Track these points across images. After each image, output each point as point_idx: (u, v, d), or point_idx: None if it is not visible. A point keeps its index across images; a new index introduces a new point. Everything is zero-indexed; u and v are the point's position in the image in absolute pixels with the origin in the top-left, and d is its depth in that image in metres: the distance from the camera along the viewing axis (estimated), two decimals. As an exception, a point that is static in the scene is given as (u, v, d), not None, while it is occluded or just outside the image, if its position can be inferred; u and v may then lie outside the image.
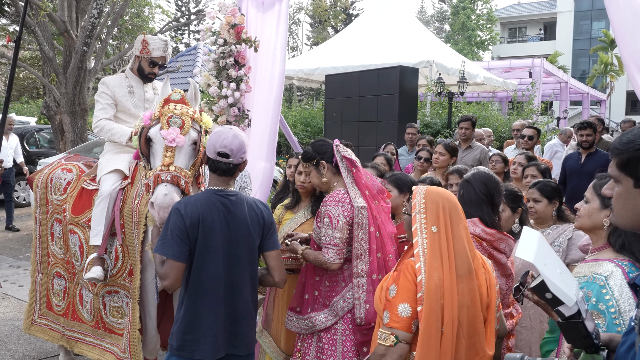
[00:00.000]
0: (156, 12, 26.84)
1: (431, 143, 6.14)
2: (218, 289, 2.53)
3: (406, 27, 15.55)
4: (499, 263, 2.67)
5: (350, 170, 2.91)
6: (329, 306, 2.87)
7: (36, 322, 4.15)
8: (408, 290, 2.06)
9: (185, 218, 2.49)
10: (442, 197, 2.17)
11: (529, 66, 19.66)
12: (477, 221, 2.66)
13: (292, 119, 14.26)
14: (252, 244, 2.62)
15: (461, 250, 2.10)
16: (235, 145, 2.56)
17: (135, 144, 3.05)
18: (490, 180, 2.72)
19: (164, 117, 2.94)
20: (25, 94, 26.13)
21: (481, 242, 2.63)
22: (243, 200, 2.63)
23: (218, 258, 2.53)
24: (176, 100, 3.02)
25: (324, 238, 2.80)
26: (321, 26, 39.03)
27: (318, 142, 3.04)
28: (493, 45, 42.48)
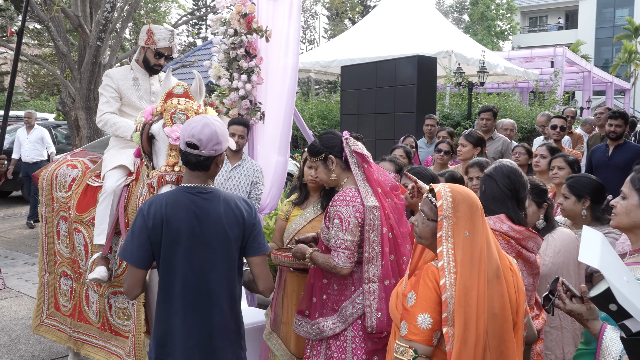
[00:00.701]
0: (173, 6, 26.87)
1: (451, 135, 5.91)
2: (188, 298, 2.26)
3: (424, 18, 15.26)
4: (528, 262, 2.47)
5: (361, 165, 2.69)
6: (338, 311, 2.68)
7: (44, 322, 4.05)
8: (428, 299, 1.85)
9: (147, 219, 2.24)
10: (468, 196, 1.94)
11: (551, 55, 19.19)
12: (504, 217, 2.45)
13: (308, 112, 14.08)
14: (228, 248, 2.30)
15: (489, 253, 1.90)
16: (204, 135, 2.24)
17: (136, 140, 2.89)
18: (515, 173, 2.51)
19: (167, 113, 2.76)
20: (45, 90, 26.35)
21: (508, 240, 2.43)
22: (219, 198, 2.32)
23: (187, 262, 2.25)
24: (180, 94, 2.83)
25: (333, 241, 2.60)
26: (338, 18, 38.71)
27: (326, 135, 2.82)
28: (513, 35, 41.72)
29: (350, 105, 9.11)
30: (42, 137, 9.81)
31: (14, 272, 6.84)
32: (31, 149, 9.60)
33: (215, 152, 2.29)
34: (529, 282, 2.48)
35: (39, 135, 9.77)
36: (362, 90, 8.84)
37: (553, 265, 2.82)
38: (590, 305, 1.83)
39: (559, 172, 3.98)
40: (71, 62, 9.89)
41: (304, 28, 42.70)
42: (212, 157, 2.30)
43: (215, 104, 5.50)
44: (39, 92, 27.02)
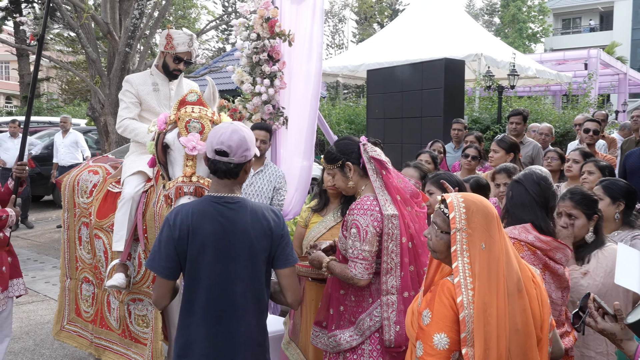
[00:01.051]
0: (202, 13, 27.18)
1: (479, 139, 5.75)
2: (212, 309, 2.19)
3: (453, 21, 15.05)
4: (556, 274, 2.35)
5: (380, 172, 2.59)
6: (355, 324, 2.58)
7: (65, 328, 4.06)
8: (444, 318, 1.74)
9: (174, 229, 2.18)
10: (483, 205, 1.83)
11: (585, 57, 18.74)
12: (530, 227, 2.34)
13: (335, 116, 14.00)
14: (255, 259, 2.24)
15: (508, 266, 1.78)
16: (234, 142, 2.19)
17: (150, 150, 2.83)
18: (545, 180, 2.42)
19: (182, 122, 2.70)
20: (78, 96, 26.93)
21: (535, 250, 2.31)
22: (246, 208, 2.25)
23: (212, 275, 2.19)
24: (193, 101, 2.77)
25: (350, 251, 2.50)
26: (367, 23, 38.62)
27: (343, 141, 2.72)
28: (546, 37, 40.92)
29: (377, 109, 9.00)
30: (76, 141, 10.02)
31: (42, 275, 6.93)
32: (66, 153, 9.81)
33: (245, 158, 2.25)
34: (557, 295, 2.36)
35: (73, 139, 9.98)
36: (389, 94, 8.72)
37: (604, 287, 2.61)
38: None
39: (589, 176, 3.81)
40: (101, 69, 10.05)
41: (333, 32, 42.73)
42: (241, 163, 2.25)
43: (238, 108, 5.48)
44: (72, 98, 27.64)
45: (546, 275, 2.30)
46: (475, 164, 4.95)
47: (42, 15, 20.95)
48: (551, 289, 2.32)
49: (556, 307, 2.34)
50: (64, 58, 24.44)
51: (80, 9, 9.49)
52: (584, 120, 6.37)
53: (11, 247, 3.77)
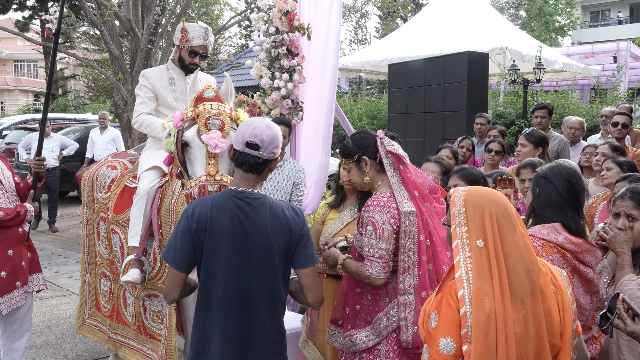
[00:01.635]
0: (225, 9, 27.28)
1: (503, 134, 5.61)
2: (229, 307, 2.16)
3: (478, 14, 14.80)
4: (585, 279, 2.21)
5: (397, 167, 2.51)
6: (371, 323, 2.50)
7: (86, 322, 4.09)
8: (451, 322, 1.66)
9: (192, 220, 2.15)
10: (487, 200, 1.73)
11: (614, 50, 18.24)
12: (560, 227, 2.19)
13: (357, 112, 13.88)
14: (272, 258, 2.20)
15: (518, 267, 1.67)
16: (267, 136, 2.18)
17: (167, 148, 2.76)
18: (575, 176, 2.26)
19: (202, 119, 2.64)
20: (103, 93, 27.29)
21: (564, 253, 2.17)
22: (266, 206, 2.21)
23: (228, 271, 2.15)
24: (211, 98, 2.72)
25: (367, 249, 2.42)
26: (390, 18, 38.32)
27: (359, 135, 2.64)
28: (573, 31, 40.07)
29: (398, 104, 8.89)
30: (114, 138, 10.09)
31: (66, 270, 7.01)
32: (104, 149, 9.81)
33: (273, 155, 2.23)
34: (585, 300, 2.21)
35: (112, 136, 10.07)
36: (410, 88, 8.61)
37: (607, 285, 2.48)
38: None
39: (607, 172, 3.68)
40: (123, 65, 10.11)
41: (355, 28, 42.51)
42: (268, 160, 2.22)
43: (257, 103, 5.44)
44: (98, 96, 28.02)
45: (575, 279, 2.17)
46: (498, 158, 4.83)
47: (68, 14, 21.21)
48: (579, 293, 2.18)
49: (584, 312, 2.21)
50: (90, 56, 24.79)
51: (103, 6, 9.56)
52: (612, 114, 6.16)
53: (31, 242, 3.79)
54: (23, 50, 39.67)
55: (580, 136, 6.10)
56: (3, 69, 42.31)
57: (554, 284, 1.78)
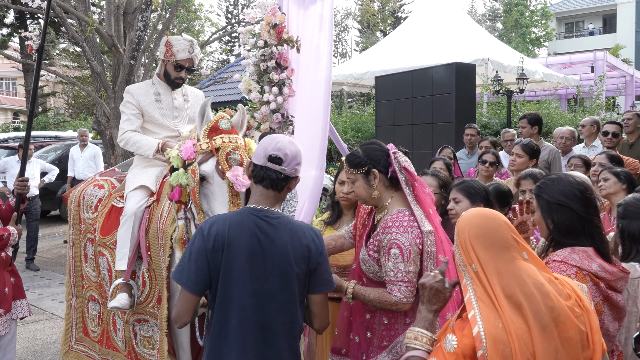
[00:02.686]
0: (206, 25, 27.24)
1: (494, 144, 5.58)
2: (246, 333, 2.03)
3: (458, 26, 14.96)
4: (616, 306, 2.06)
5: (412, 184, 2.37)
6: (389, 348, 2.35)
7: (73, 348, 3.91)
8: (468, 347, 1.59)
9: (208, 239, 2.01)
10: (469, 224, 1.70)
11: (591, 60, 18.54)
12: (593, 252, 2.00)
13: (342, 124, 13.88)
14: (290, 280, 2.07)
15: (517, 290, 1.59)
16: (291, 151, 2.09)
17: (177, 181, 2.63)
18: (588, 191, 2.08)
19: (222, 154, 2.54)
20: (84, 110, 26.97)
21: (598, 282, 1.99)
22: (287, 225, 2.09)
23: (245, 294, 2.02)
24: (228, 130, 2.61)
25: (392, 274, 2.26)
26: (370, 31, 38.59)
27: (370, 146, 2.46)
28: (549, 42, 40.79)
29: (386, 116, 8.86)
30: (95, 155, 9.90)
31: (49, 292, 6.78)
32: (85, 167, 9.63)
33: (295, 172, 2.13)
34: (614, 327, 2.07)
35: (92, 153, 9.87)
36: (398, 100, 8.59)
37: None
38: None
39: (604, 183, 3.64)
40: (105, 82, 9.96)
41: (336, 42, 42.74)
42: (289, 177, 2.12)
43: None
44: (78, 113, 27.68)
45: (605, 307, 2.02)
46: (493, 169, 4.79)
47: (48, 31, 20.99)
48: (608, 321, 2.04)
49: (611, 338, 2.07)
50: (70, 73, 24.50)
51: (85, 23, 9.42)
52: (591, 123, 6.16)
53: (14, 267, 3.63)
54: (1, 68, 39.10)
55: (571, 146, 6.10)
56: (-19, 87, 41.61)
57: (580, 305, 1.66)
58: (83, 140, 9.95)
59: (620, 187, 3.60)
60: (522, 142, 4.53)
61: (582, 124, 6.33)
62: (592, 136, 6.12)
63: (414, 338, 1.78)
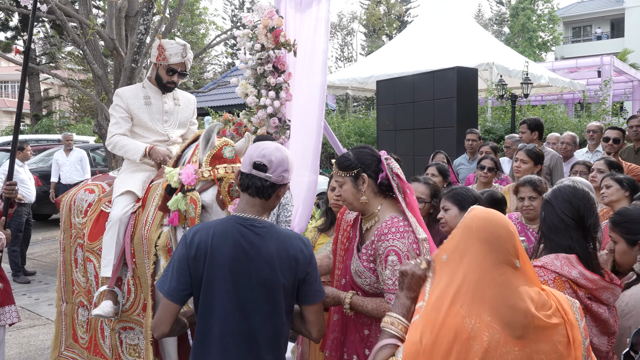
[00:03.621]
0: (211, 28, 27.26)
1: (495, 150, 5.49)
2: (228, 344, 1.97)
3: (463, 30, 14.87)
4: (599, 319, 1.99)
5: (404, 191, 2.29)
6: None
7: (63, 354, 3.85)
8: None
9: (190, 247, 1.97)
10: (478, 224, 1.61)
11: (598, 65, 18.40)
12: (575, 260, 1.98)
13: (345, 129, 13.79)
14: (275, 291, 2.01)
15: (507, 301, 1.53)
16: (276, 158, 2.04)
17: (176, 206, 2.60)
18: (576, 195, 2.08)
19: (224, 186, 2.51)
20: (88, 113, 27.03)
21: (577, 289, 1.96)
22: (273, 234, 2.04)
23: (229, 304, 1.97)
24: (231, 159, 2.58)
25: (390, 282, 2.16)
26: (375, 35, 38.58)
27: (362, 149, 2.36)
28: (556, 46, 40.62)
29: (387, 121, 8.79)
30: (81, 158, 9.77)
31: (46, 297, 6.74)
32: (72, 171, 9.53)
33: (282, 179, 2.08)
34: (600, 341, 2.01)
35: (78, 157, 9.73)
36: (399, 105, 8.51)
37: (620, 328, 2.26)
38: None
39: (607, 190, 3.55)
40: (107, 85, 9.93)
41: (341, 45, 42.74)
42: (276, 185, 2.06)
43: (243, 122, 5.29)
44: (83, 116, 27.76)
45: (587, 319, 1.95)
46: (491, 175, 4.70)
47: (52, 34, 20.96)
48: (593, 334, 1.98)
49: (599, 353, 2.00)
50: (76, 76, 24.56)
51: (86, 26, 9.40)
52: (598, 128, 6.09)
53: (2, 272, 3.58)
54: (7, 71, 39.32)
55: (572, 151, 6.01)
56: (-14, 90, 41.89)
57: (562, 317, 1.60)
58: (68, 145, 9.80)
59: (623, 195, 3.52)
60: (526, 148, 4.42)
61: (588, 129, 6.24)
62: (597, 142, 6.04)
63: (390, 323, 1.75)
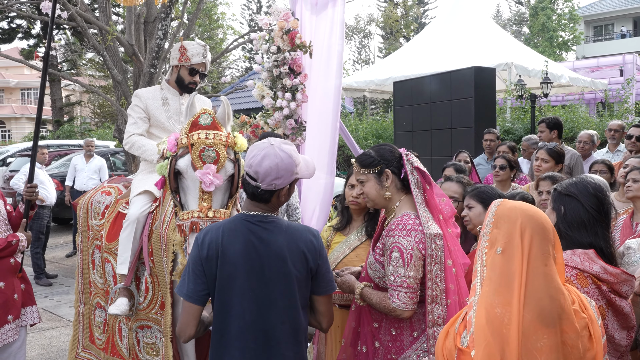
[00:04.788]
0: (229, 33, 27.45)
1: (512, 149, 5.43)
2: (247, 341, 2.00)
3: (481, 31, 14.75)
4: (621, 313, 1.97)
5: (424, 186, 2.30)
6: None
7: (80, 355, 3.88)
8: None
9: (202, 248, 2.01)
10: (524, 214, 1.59)
11: (620, 63, 18.14)
12: (594, 254, 1.96)
13: (363, 131, 13.77)
14: (291, 284, 2.04)
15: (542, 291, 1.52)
16: (262, 168, 2.02)
17: (159, 171, 2.67)
18: (602, 192, 2.05)
19: (195, 151, 2.53)
20: (109, 119, 27.41)
21: (600, 284, 1.94)
22: (282, 228, 2.07)
23: (244, 301, 2.00)
24: (207, 125, 2.59)
25: (392, 278, 2.19)
26: (393, 37, 38.47)
27: (384, 147, 2.39)
28: (577, 46, 40.06)
29: (404, 122, 8.74)
30: (100, 167, 9.62)
31: (67, 299, 6.83)
32: (88, 178, 9.37)
33: (274, 186, 2.06)
34: (620, 336, 1.98)
35: (98, 165, 9.59)
36: (416, 106, 8.46)
37: None
38: None
39: (634, 184, 3.48)
40: (127, 90, 10.05)
41: (359, 48, 42.71)
42: (272, 191, 2.07)
43: (260, 124, 5.31)
44: (104, 121, 28.15)
45: (609, 313, 1.94)
46: (504, 173, 4.63)
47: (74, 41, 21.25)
48: (614, 328, 1.96)
49: (619, 347, 1.99)
50: (97, 82, 24.93)
51: (106, 32, 9.54)
52: (620, 127, 6.00)
53: (24, 274, 3.63)
54: (29, 78, 40.10)
55: (590, 150, 5.92)
56: (10, 97, 42.76)
57: (584, 311, 1.61)
58: (89, 151, 9.66)
59: None
60: (547, 147, 4.39)
61: (610, 128, 6.14)
62: (617, 141, 5.94)
63: None
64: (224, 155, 2.54)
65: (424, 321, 2.24)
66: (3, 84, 42.10)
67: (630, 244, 2.72)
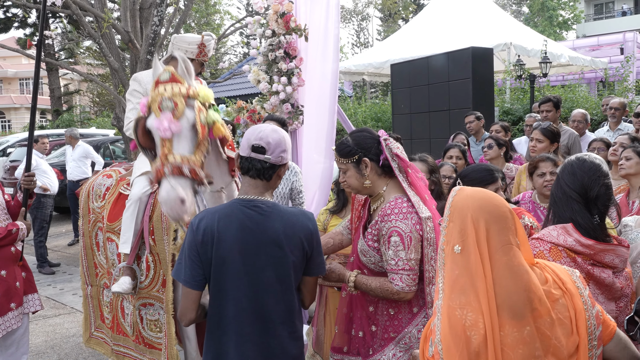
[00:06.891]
0: (226, 18, 27.26)
1: (506, 129, 5.44)
2: (243, 324, 2.04)
3: (480, 11, 14.63)
4: (602, 284, 1.98)
5: (405, 170, 2.32)
6: (396, 339, 2.29)
7: (94, 335, 4.00)
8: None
9: (197, 233, 2.03)
10: (474, 205, 1.56)
11: (620, 42, 17.98)
12: (571, 227, 1.99)
13: (362, 115, 13.73)
14: (286, 268, 2.09)
15: (510, 282, 1.50)
16: (273, 139, 2.10)
17: (130, 133, 2.70)
18: (581, 168, 2.07)
19: (154, 104, 2.45)
20: (107, 107, 27.35)
21: (574, 257, 1.96)
22: (278, 213, 2.10)
23: (241, 285, 2.04)
24: (165, 80, 2.51)
25: (393, 262, 2.22)
26: (391, 19, 38.17)
27: (360, 133, 2.40)
28: (578, 24, 39.73)
29: (402, 104, 8.73)
30: (85, 154, 9.38)
31: (70, 287, 6.89)
32: (74, 167, 9.23)
33: (281, 159, 2.13)
34: (609, 308, 1.98)
35: (81, 153, 9.35)
36: (414, 88, 8.44)
37: None
38: None
39: (626, 162, 3.49)
40: (123, 78, 10.02)
41: (357, 31, 42.41)
42: (276, 165, 2.11)
43: (256, 109, 5.31)
44: (102, 110, 28.10)
45: (590, 286, 1.94)
46: (493, 152, 4.63)
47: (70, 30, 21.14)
48: (599, 301, 1.95)
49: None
50: (95, 71, 24.82)
51: (101, 19, 9.49)
52: (620, 105, 5.97)
53: (25, 262, 3.67)
54: (28, 68, 39.97)
55: (584, 129, 5.92)
56: (9, 87, 42.68)
57: (560, 287, 1.59)
58: (69, 143, 9.45)
59: None
60: (541, 127, 4.37)
61: (610, 106, 6.07)
62: (618, 119, 5.93)
63: None
64: (182, 104, 2.44)
65: (422, 297, 2.29)
66: (1, 74, 42.01)
67: (627, 222, 2.73)
